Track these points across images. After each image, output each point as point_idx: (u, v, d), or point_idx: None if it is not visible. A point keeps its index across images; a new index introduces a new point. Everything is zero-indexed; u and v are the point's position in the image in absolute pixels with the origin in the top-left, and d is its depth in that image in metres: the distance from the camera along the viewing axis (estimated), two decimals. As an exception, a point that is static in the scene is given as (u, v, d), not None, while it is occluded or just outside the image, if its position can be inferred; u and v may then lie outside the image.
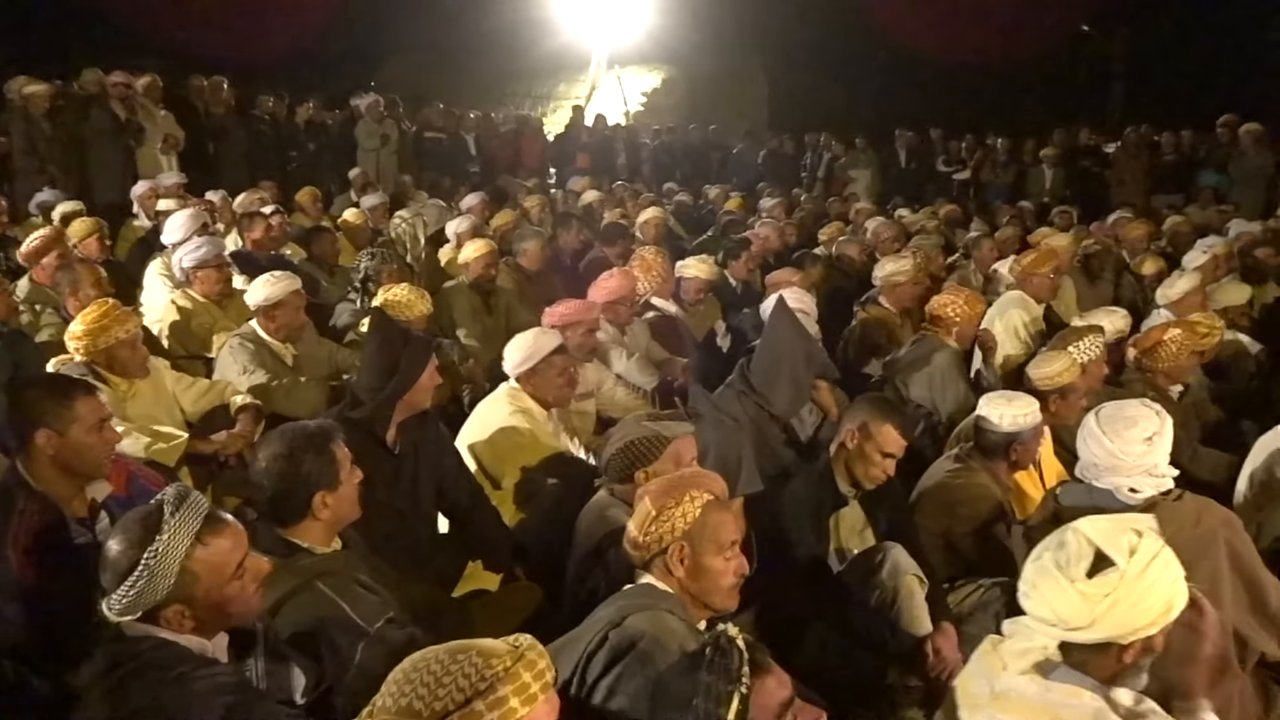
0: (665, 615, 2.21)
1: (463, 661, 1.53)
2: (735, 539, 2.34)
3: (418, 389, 3.37)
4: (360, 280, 5.63)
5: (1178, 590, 1.98)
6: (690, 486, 2.32)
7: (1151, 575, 1.94)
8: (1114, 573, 1.94)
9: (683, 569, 2.28)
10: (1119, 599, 1.92)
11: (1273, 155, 11.32)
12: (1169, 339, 4.65)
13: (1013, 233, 8.27)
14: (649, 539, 2.28)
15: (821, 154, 14.09)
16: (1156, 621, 1.95)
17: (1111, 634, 1.95)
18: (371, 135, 10.98)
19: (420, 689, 1.51)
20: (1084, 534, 2.00)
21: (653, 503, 2.29)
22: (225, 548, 2.09)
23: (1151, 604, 1.94)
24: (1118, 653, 1.98)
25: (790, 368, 4.07)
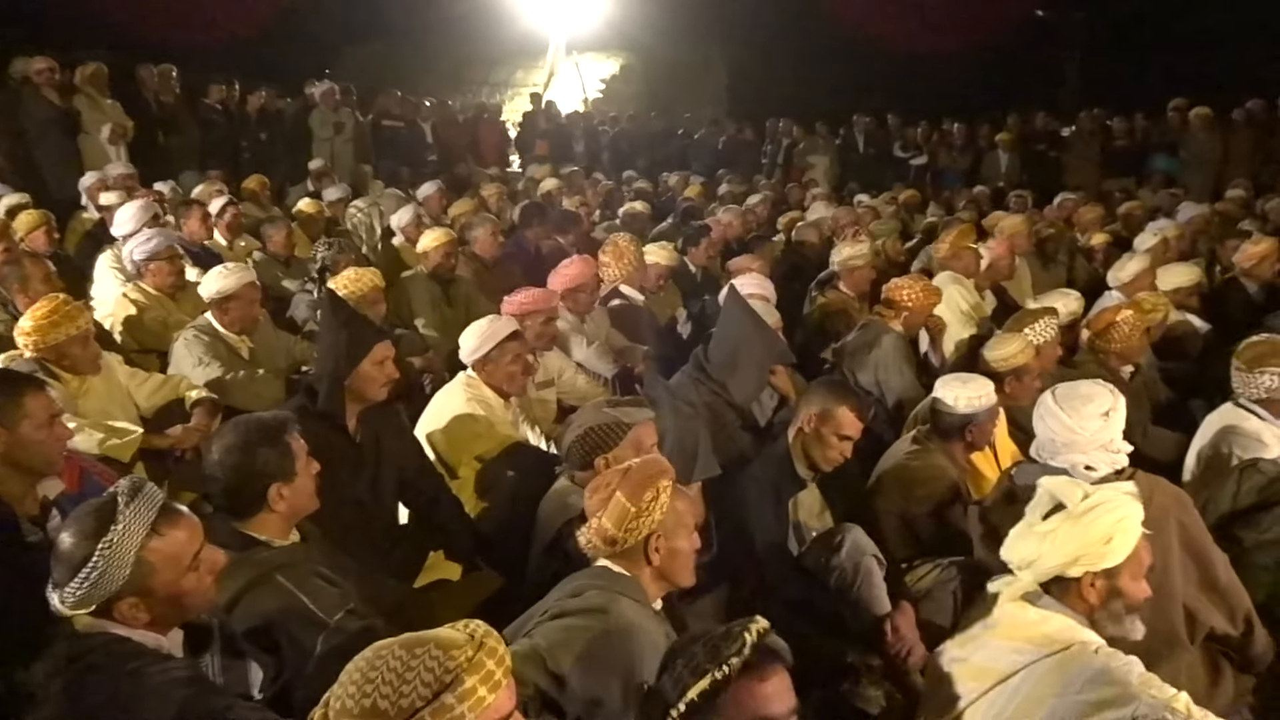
0: (619, 596, 2.25)
1: (423, 655, 1.52)
2: (696, 519, 2.42)
3: (362, 377, 3.32)
4: (318, 270, 5.57)
5: (1120, 530, 2.16)
6: (655, 476, 2.33)
7: (1093, 515, 2.16)
8: (1062, 513, 2.18)
9: (659, 556, 2.32)
10: (1059, 532, 2.16)
11: (1221, 139, 11.52)
12: (1121, 320, 4.73)
13: (970, 217, 8.35)
14: (629, 534, 2.29)
15: (780, 140, 14.13)
16: (1093, 552, 2.15)
17: (1054, 564, 2.18)
18: (325, 124, 10.84)
19: (383, 687, 1.49)
20: (1048, 487, 2.25)
21: (630, 500, 2.29)
22: (181, 539, 2.07)
23: (1088, 536, 2.15)
24: (1077, 588, 2.19)
25: (747, 354, 4.08)
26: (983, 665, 2.22)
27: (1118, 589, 2.20)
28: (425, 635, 1.57)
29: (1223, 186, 10.51)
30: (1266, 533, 3.11)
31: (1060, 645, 2.13)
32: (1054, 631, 2.16)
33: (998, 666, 2.19)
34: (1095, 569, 2.18)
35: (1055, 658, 2.12)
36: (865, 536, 3.26)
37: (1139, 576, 2.22)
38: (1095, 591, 2.19)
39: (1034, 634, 2.18)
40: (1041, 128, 13.06)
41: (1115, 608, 2.21)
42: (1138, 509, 2.22)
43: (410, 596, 3.16)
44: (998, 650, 2.21)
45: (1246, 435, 3.63)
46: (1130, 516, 2.19)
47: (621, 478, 2.34)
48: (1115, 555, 2.17)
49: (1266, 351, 3.71)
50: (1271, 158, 11.50)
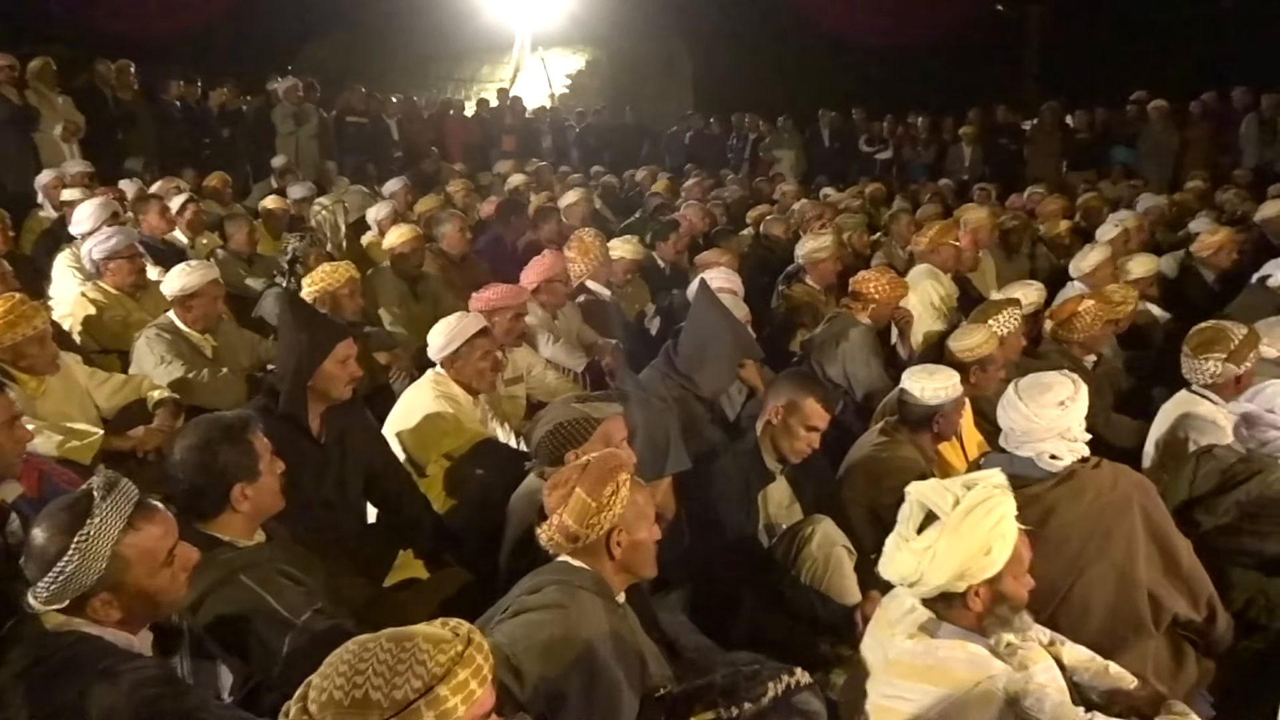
0: (578, 590, 2.25)
1: (413, 649, 1.52)
2: (660, 510, 2.42)
3: (325, 376, 3.29)
4: (288, 261, 5.52)
5: (997, 536, 2.14)
6: (615, 470, 2.32)
7: (969, 524, 2.12)
8: (936, 526, 2.14)
9: (621, 550, 2.31)
10: (937, 550, 2.12)
11: (1179, 131, 11.70)
12: (1083, 310, 4.79)
13: (934, 210, 8.42)
14: (590, 529, 2.27)
15: (747, 135, 14.16)
16: (975, 566, 2.13)
17: (939, 583, 2.15)
18: (287, 120, 10.72)
19: (374, 679, 1.48)
20: (915, 496, 2.21)
21: (590, 496, 2.27)
22: (156, 533, 2.07)
23: (966, 551, 2.12)
24: (962, 601, 2.17)
25: (716, 348, 4.09)
26: (891, 708, 2.18)
27: (1002, 594, 2.18)
28: (411, 630, 1.57)
29: (1181, 177, 10.67)
30: (1224, 517, 3.15)
31: (968, 684, 2.10)
32: (960, 669, 2.12)
33: (905, 710, 2.15)
34: (978, 581, 2.16)
35: (963, 698, 2.09)
36: (835, 527, 3.28)
37: (1020, 575, 2.21)
38: (980, 601, 2.18)
39: (937, 673, 2.13)
40: (1003, 121, 13.20)
41: (1002, 612, 2.19)
42: (1010, 504, 2.19)
43: (379, 595, 3.14)
44: (904, 690, 2.16)
45: (1202, 420, 3.70)
46: (1006, 517, 2.16)
47: (580, 473, 2.32)
48: (996, 563, 2.15)
49: (1211, 338, 3.79)
50: (1227, 149, 11.69)
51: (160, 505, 2.13)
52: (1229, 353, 3.72)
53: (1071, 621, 2.74)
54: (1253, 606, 3.14)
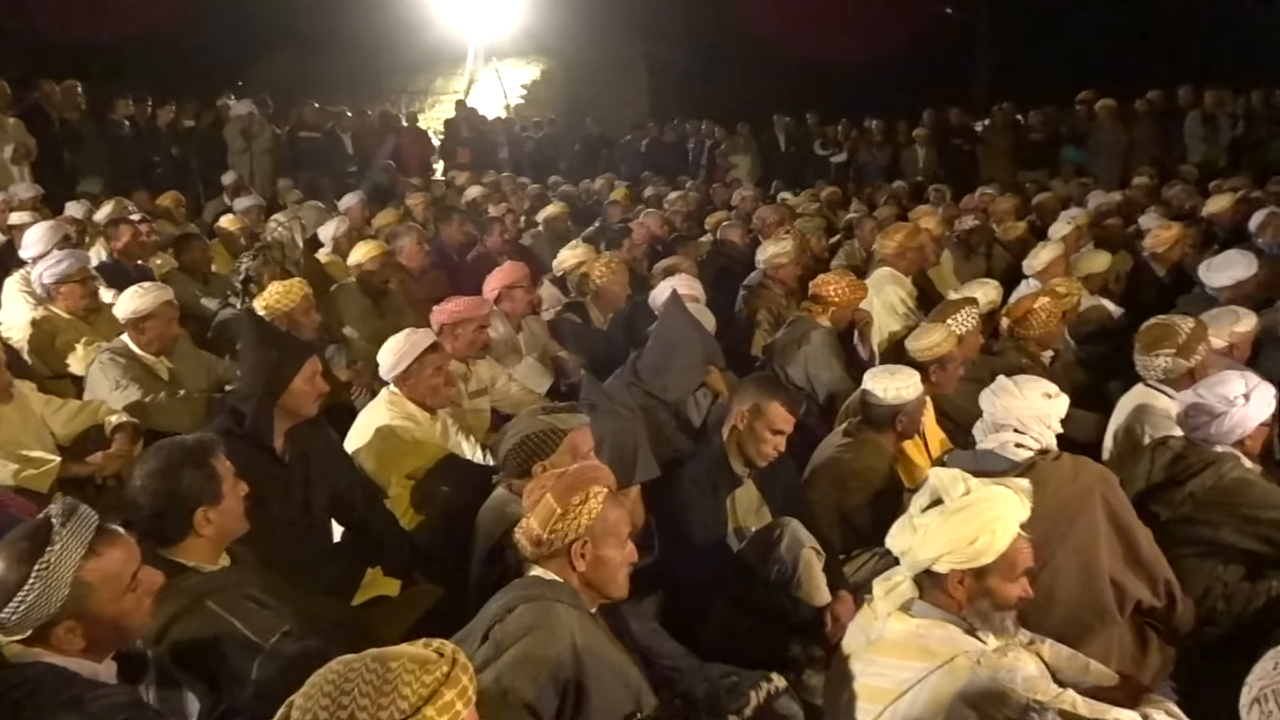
0: (553, 604, 2.22)
1: (398, 670, 1.51)
2: (630, 530, 2.39)
3: (295, 394, 3.25)
4: (241, 281, 5.45)
5: (987, 531, 2.19)
6: (590, 482, 2.32)
7: (967, 513, 2.19)
8: (938, 508, 2.23)
9: (584, 563, 2.29)
10: (930, 527, 2.21)
11: (1126, 129, 11.93)
12: (1039, 307, 4.87)
13: (890, 212, 8.52)
14: (554, 536, 2.27)
15: (703, 141, 14.23)
16: (958, 551, 2.19)
17: (923, 558, 2.23)
18: (237, 137, 10.59)
19: (361, 699, 1.47)
20: (932, 480, 2.29)
21: (557, 501, 2.28)
22: (119, 558, 2.04)
23: (956, 535, 2.19)
24: (945, 584, 2.23)
25: (681, 355, 4.10)
26: (874, 685, 2.24)
27: (987, 589, 2.22)
28: (396, 651, 1.56)
29: (1129, 174, 10.88)
30: (1179, 508, 3.22)
31: (943, 659, 2.16)
32: (935, 644, 2.18)
33: (887, 685, 2.21)
34: (961, 568, 2.20)
35: (939, 673, 2.15)
36: (803, 529, 3.30)
37: (1011, 578, 2.24)
38: (962, 589, 2.22)
39: (916, 649, 2.20)
40: (956, 123, 13.37)
41: (982, 606, 2.23)
42: (1017, 510, 2.23)
43: (349, 614, 3.11)
44: (885, 668, 2.23)
45: (1158, 414, 3.77)
46: (1004, 517, 2.21)
47: (556, 480, 2.34)
48: (982, 556, 2.19)
49: (1160, 335, 3.87)
50: (1173, 145, 11.95)
51: (121, 530, 2.10)
52: (1178, 347, 3.80)
53: (1037, 610, 2.77)
54: (1210, 595, 3.20)
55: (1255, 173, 10.31)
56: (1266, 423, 3.24)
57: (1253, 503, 3.13)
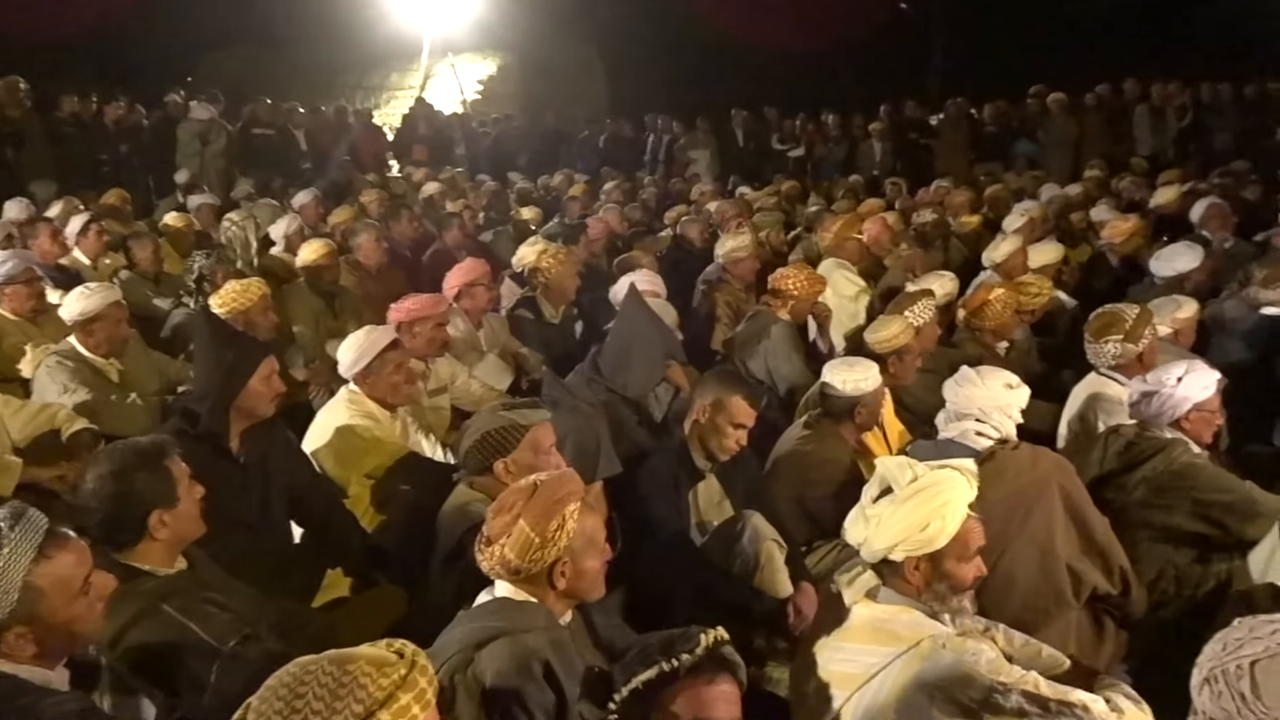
0: (523, 638, 2.12)
1: (355, 672, 1.49)
2: (604, 534, 2.33)
3: (251, 394, 3.22)
4: (194, 281, 5.36)
5: (938, 516, 2.24)
6: (564, 501, 2.20)
7: (916, 501, 2.24)
8: (889, 497, 2.27)
9: (565, 580, 2.22)
10: (883, 517, 2.25)
11: (1077, 122, 12.12)
12: (994, 298, 4.94)
13: (848, 206, 8.58)
14: (533, 563, 2.17)
15: (661, 136, 14.24)
16: (911, 538, 2.24)
17: (878, 548, 2.28)
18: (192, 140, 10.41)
19: (315, 703, 1.45)
20: (881, 469, 2.33)
21: (534, 530, 2.15)
22: (70, 561, 1.99)
23: (907, 523, 2.24)
24: (902, 570, 2.28)
25: (642, 350, 4.10)
26: (841, 671, 2.26)
27: (942, 571, 2.27)
28: (354, 652, 1.54)
29: (1080, 167, 11.06)
30: (1132, 494, 3.28)
31: (909, 643, 2.19)
32: (901, 629, 2.22)
33: (855, 671, 2.23)
34: (916, 554, 2.25)
35: (905, 657, 2.18)
36: (765, 522, 3.31)
37: (965, 558, 2.29)
38: (919, 574, 2.27)
39: (883, 634, 2.23)
40: (911, 117, 13.50)
41: (939, 589, 2.28)
42: (965, 492, 2.28)
43: (309, 617, 3.07)
44: (853, 653, 2.25)
45: (1110, 401, 3.84)
46: (954, 501, 2.25)
47: (526, 501, 2.19)
48: (934, 541, 2.23)
49: (1107, 322, 3.96)
50: (1121, 138, 12.17)
51: (72, 534, 2.05)
52: (1125, 333, 3.88)
53: (996, 597, 2.82)
54: (1163, 578, 3.27)
55: (1201, 164, 10.54)
56: (1207, 408, 3.30)
57: (1202, 486, 3.20)
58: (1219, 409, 3.34)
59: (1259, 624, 1.61)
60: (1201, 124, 12.23)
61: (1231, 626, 1.65)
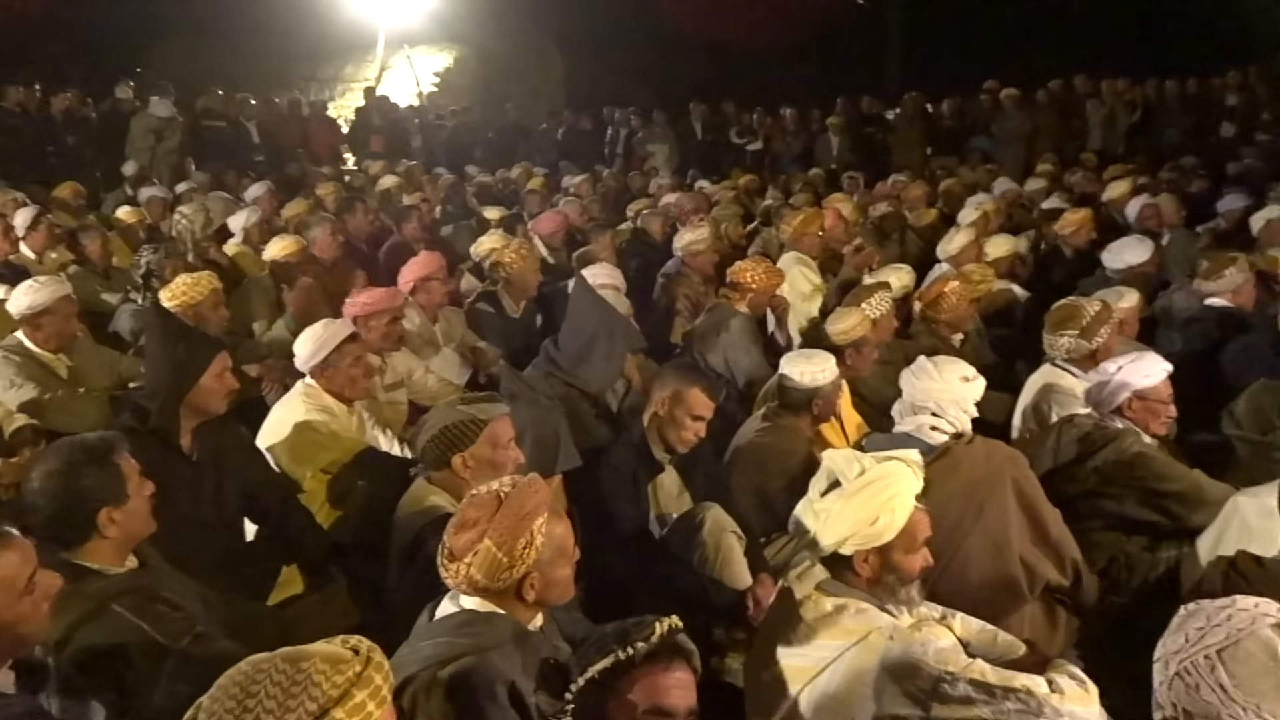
0: (489, 658, 2.05)
1: (308, 669, 1.46)
2: (573, 539, 2.26)
3: (203, 391, 3.18)
4: (142, 276, 5.26)
5: (887, 510, 2.26)
6: (531, 517, 2.12)
7: (865, 495, 2.26)
8: (836, 491, 2.28)
9: (535, 593, 2.15)
10: (831, 512, 2.27)
11: (1030, 117, 12.29)
12: (949, 290, 5.00)
13: (806, 199, 8.62)
14: (501, 582, 2.10)
15: (619, 130, 14.21)
16: (860, 533, 2.25)
17: (828, 544, 2.29)
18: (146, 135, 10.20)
19: (267, 701, 1.43)
20: (827, 462, 2.35)
21: (501, 551, 2.07)
22: (13, 561, 1.95)
23: (855, 518, 2.25)
24: (851, 564, 2.30)
25: (602, 344, 4.09)
26: (793, 665, 2.28)
27: (891, 563, 2.29)
28: (309, 650, 1.51)
29: (1033, 161, 11.21)
30: (1085, 483, 3.34)
31: (859, 635, 2.21)
32: (850, 622, 2.24)
33: (806, 664, 2.26)
34: (865, 548, 2.27)
35: (855, 649, 2.20)
36: (724, 514, 3.33)
37: (913, 550, 2.31)
38: (868, 567, 2.29)
39: (833, 627, 2.25)
40: (868, 112, 13.59)
41: (889, 581, 2.30)
42: (911, 484, 2.30)
43: (264, 615, 3.03)
44: (803, 647, 2.27)
45: (1064, 392, 3.90)
46: (902, 493, 2.27)
47: (491, 518, 2.09)
48: (883, 535, 2.26)
49: (1066, 315, 4.02)
50: (1073, 134, 12.36)
51: (15, 532, 2.01)
52: (1081, 329, 3.95)
53: (951, 590, 2.85)
54: (1114, 565, 3.33)
55: (1150, 159, 10.74)
56: (1151, 396, 3.36)
57: (1152, 476, 3.27)
58: (1168, 400, 3.40)
59: (1213, 610, 1.63)
60: (1150, 120, 12.47)
61: (1184, 616, 1.66)
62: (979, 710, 2.14)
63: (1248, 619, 1.59)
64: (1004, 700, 2.14)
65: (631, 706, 1.84)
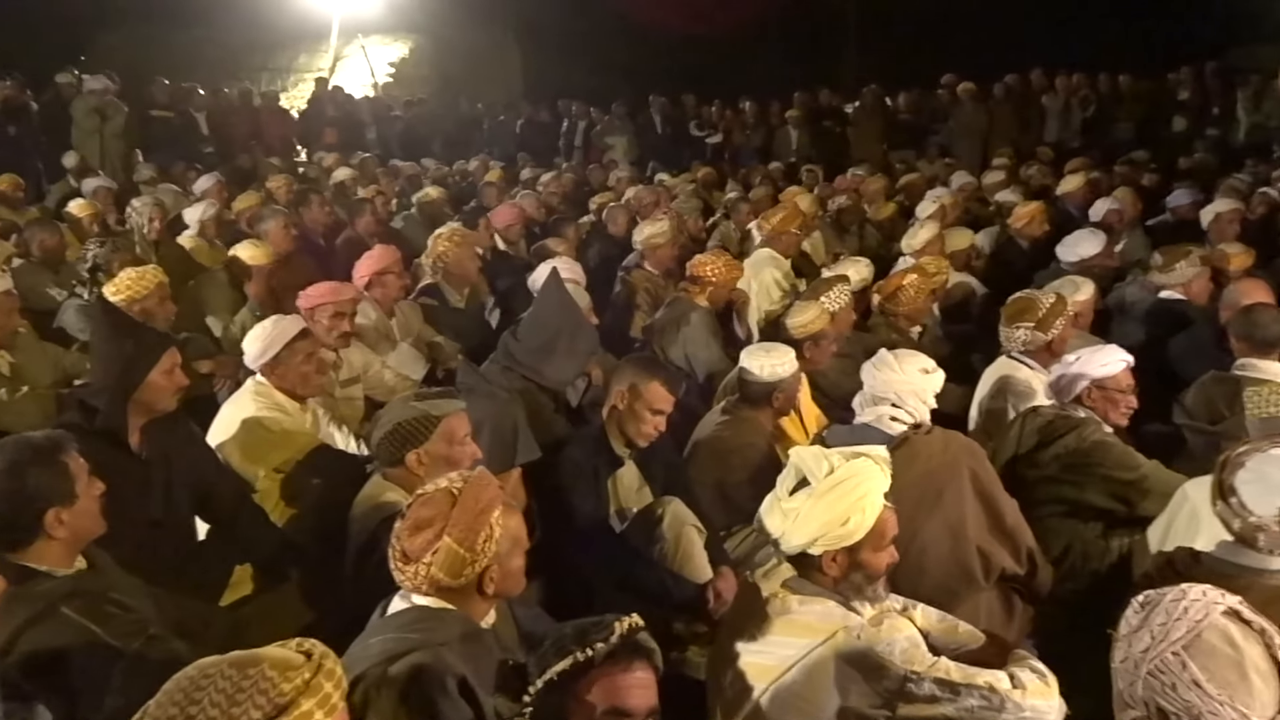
0: (439, 652, 2.03)
1: (256, 676, 1.43)
2: (525, 528, 2.27)
3: (152, 387, 3.11)
4: (89, 270, 5.13)
5: (857, 509, 2.25)
6: (487, 510, 2.11)
7: (835, 494, 2.24)
8: (805, 490, 2.26)
9: (494, 585, 2.15)
10: (801, 512, 2.25)
11: (987, 112, 12.43)
12: (907, 284, 5.04)
13: (765, 193, 8.64)
14: (465, 578, 2.09)
15: (576, 122, 14.15)
16: (831, 533, 2.25)
17: (797, 543, 2.28)
18: (89, 115, 9.97)
19: (210, 709, 1.40)
20: (794, 460, 2.33)
21: (462, 546, 2.06)
22: None
23: (825, 518, 2.24)
24: (819, 564, 2.29)
25: (566, 340, 4.06)
26: (758, 663, 2.28)
27: (859, 562, 2.29)
28: (258, 654, 1.48)
29: (989, 155, 11.34)
30: (1046, 470, 3.39)
31: (825, 634, 2.22)
32: (817, 621, 2.24)
33: (770, 663, 2.26)
34: (834, 548, 2.27)
35: (820, 648, 2.21)
36: (684, 508, 3.33)
37: (881, 548, 2.32)
38: (836, 566, 2.29)
39: (798, 626, 2.25)
40: (826, 105, 13.66)
41: (856, 579, 2.30)
42: (881, 482, 2.30)
43: (215, 616, 2.98)
44: (768, 645, 2.27)
45: (1020, 384, 3.96)
46: (871, 492, 2.27)
47: (448, 516, 2.07)
48: (853, 535, 2.26)
49: (1022, 308, 4.08)
50: (1029, 127, 12.52)
51: None
52: (1036, 321, 4.01)
53: (909, 578, 2.87)
54: (1070, 552, 3.38)
55: (1103, 153, 10.91)
56: (1109, 386, 3.41)
57: (1111, 463, 3.32)
58: (1128, 390, 3.45)
59: (1169, 604, 1.63)
60: (1104, 114, 12.67)
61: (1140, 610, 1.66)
62: (944, 708, 2.17)
63: (1201, 609, 1.60)
64: (967, 697, 2.17)
65: (590, 708, 1.83)
